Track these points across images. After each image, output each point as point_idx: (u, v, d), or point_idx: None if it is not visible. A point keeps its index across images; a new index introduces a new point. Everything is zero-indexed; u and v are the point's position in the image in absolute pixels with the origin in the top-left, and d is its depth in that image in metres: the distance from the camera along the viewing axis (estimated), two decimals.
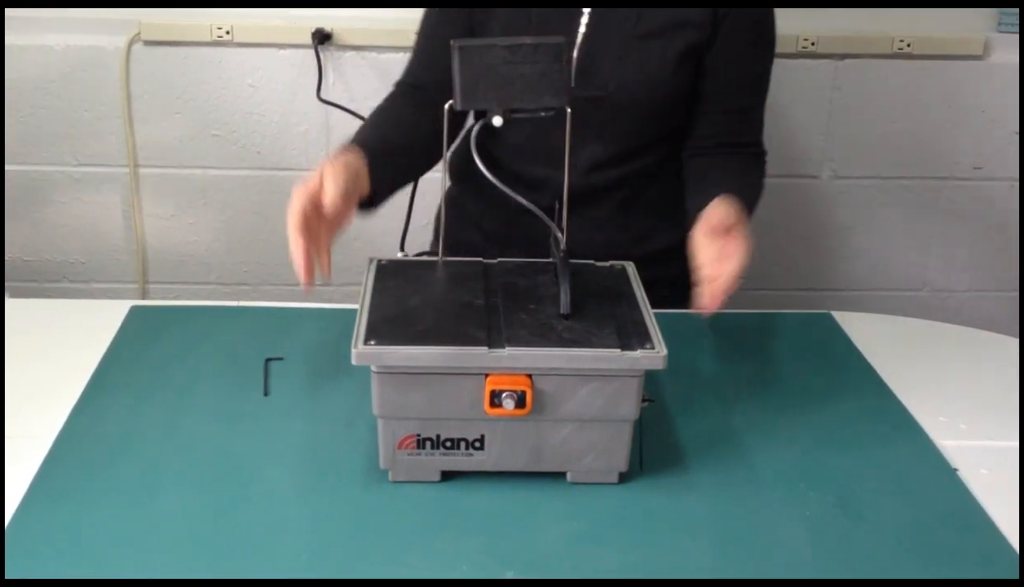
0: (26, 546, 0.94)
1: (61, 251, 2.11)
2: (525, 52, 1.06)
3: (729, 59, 1.36)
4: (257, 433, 1.13)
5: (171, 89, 1.99)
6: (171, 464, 1.07)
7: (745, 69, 1.39)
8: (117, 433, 1.12)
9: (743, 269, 1.14)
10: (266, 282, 2.15)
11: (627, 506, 1.03)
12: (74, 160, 2.03)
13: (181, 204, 2.08)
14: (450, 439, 1.03)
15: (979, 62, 2.01)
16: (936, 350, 1.40)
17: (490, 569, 0.94)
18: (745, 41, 1.37)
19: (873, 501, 1.05)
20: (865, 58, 2.01)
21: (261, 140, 2.04)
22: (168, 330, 1.35)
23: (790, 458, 1.12)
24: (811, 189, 2.12)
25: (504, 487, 1.04)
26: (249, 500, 1.02)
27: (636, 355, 0.99)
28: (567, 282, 1.04)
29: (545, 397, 1.00)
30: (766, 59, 1.41)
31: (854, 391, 1.26)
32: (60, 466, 1.06)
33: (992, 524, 1.02)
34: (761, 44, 1.40)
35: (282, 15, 1.92)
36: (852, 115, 2.06)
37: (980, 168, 2.10)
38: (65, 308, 1.50)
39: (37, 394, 1.19)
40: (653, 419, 1.15)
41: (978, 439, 1.17)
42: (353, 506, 1.02)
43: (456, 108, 1.07)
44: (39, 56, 1.94)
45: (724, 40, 1.35)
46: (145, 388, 1.21)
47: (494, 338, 1.00)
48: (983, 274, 2.20)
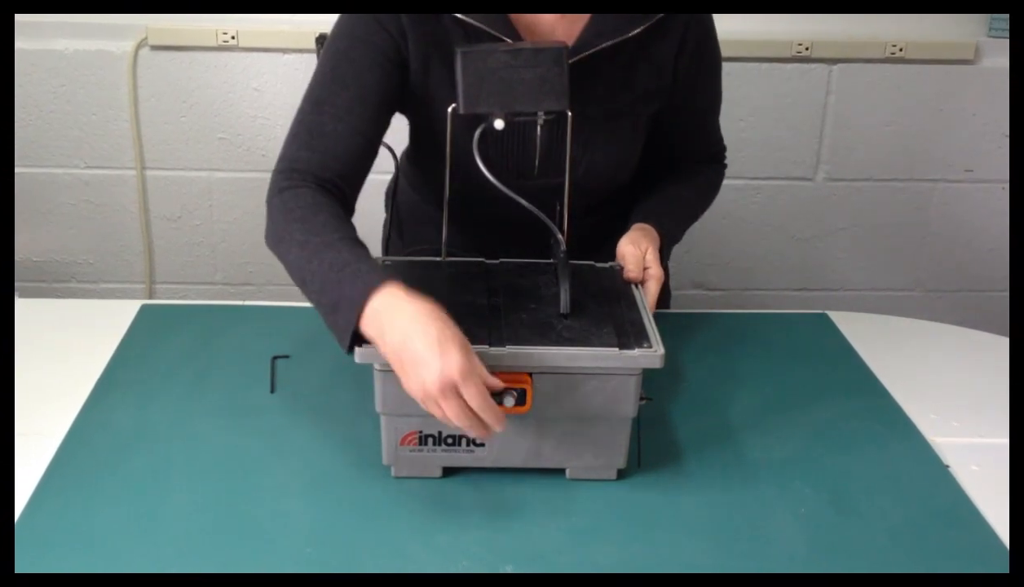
0: (36, 541, 0.96)
1: (70, 252, 2.13)
2: (526, 56, 1.07)
3: (687, 101, 1.29)
4: (263, 429, 1.14)
5: (177, 93, 2.00)
6: (179, 460, 1.09)
7: (702, 101, 1.33)
8: (126, 429, 1.14)
9: (655, 300, 1.16)
10: (271, 282, 2.16)
11: (625, 502, 1.04)
12: (82, 163, 2.05)
13: (187, 206, 2.10)
14: (451, 436, 1.04)
15: (970, 66, 2.04)
16: (929, 349, 1.41)
17: (490, 563, 0.95)
18: (696, 78, 1.29)
19: (867, 497, 1.06)
20: (858, 62, 2.02)
21: (266, 143, 2.05)
22: (177, 329, 1.36)
23: (785, 455, 1.13)
24: (806, 191, 2.13)
25: (504, 483, 1.05)
26: (255, 495, 1.03)
27: (634, 354, 1.00)
28: (567, 282, 1.05)
29: (545, 395, 1.01)
30: (717, 82, 1.34)
31: (848, 389, 1.27)
32: (70, 462, 1.08)
33: (983, 519, 1.03)
34: (712, 71, 1.32)
35: (286, 20, 1.94)
36: (846, 118, 2.07)
37: (971, 171, 2.12)
38: (75, 308, 1.51)
39: (47, 392, 1.20)
40: (651, 417, 1.16)
41: (969, 436, 1.19)
42: (356, 501, 1.03)
43: (460, 112, 1.09)
44: (48, 60, 1.96)
45: (682, 86, 1.27)
46: (154, 385, 1.22)
47: (495, 337, 1.01)
48: (974, 274, 2.22)
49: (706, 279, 2.20)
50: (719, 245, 2.17)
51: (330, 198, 1.14)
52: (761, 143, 2.05)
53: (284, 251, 1.12)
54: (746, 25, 1.94)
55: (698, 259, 2.18)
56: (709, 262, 2.18)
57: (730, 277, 2.20)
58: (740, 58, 1.96)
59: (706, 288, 2.21)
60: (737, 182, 2.09)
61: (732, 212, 2.14)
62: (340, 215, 1.12)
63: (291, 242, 1.10)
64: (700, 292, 2.21)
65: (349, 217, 1.15)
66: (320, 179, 1.15)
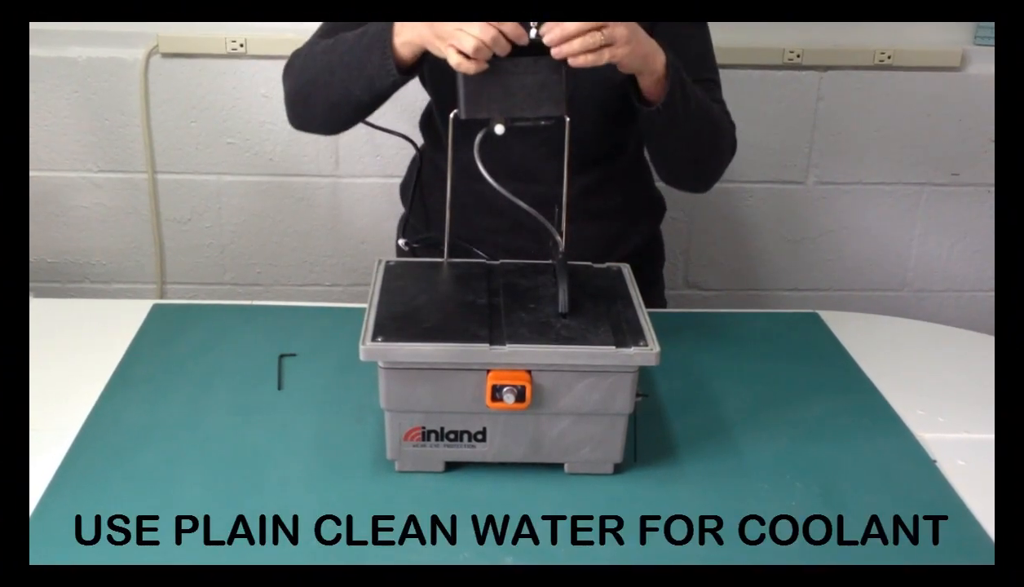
0: (50, 534, 0.97)
1: (83, 253, 2.14)
2: (526, 63, 1.09)
3: (671, 45, 1.26)
4: (271, 425, 1.16)
5: (188, 99, 2.02)
6: (189, 454, 1.10)
7: (686, 49, 1.29)
8: (138, 426, 1.15)
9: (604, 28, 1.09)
10: (278, 283, 2.18)
11: (622, 496, 1.05)
12: (95, 166, 2.07)
13: (197, 208, 2.11)
14: (453, 431, 1.05)
15: (957, 74, 2.05)
16: (916, 347, 1.43)
17: (490, 555, 0.96)
18: (678, 28, 1.30)
19: (856, 491, 1.07)
20: (848, 70, 2.04)
21: (273, 147, 2.06)
22: (187, 328, 1.37)
23: (777, 450, 1.14)
24: (797, 194, 2.15)
25: (504, 477, 1.07)
26: (263, 489, 1.05)
27: (630, 352, 1.01)
28: (565, 283, 1.07)
29: (544, 392, 1.03)
30: (702, 38, 1.35)
31: (839, 387, 1.28)
32: (83, 457, 1.09)
33: (969, 513, 1.05)
34: (692, 27, 1.33)
35: (293, 28, 1.94)
36: (836, 124, 2.08)
37: (957, 174, 2.13)
38: (88, 308, 1.52)
39: (61, 389, 1.22)
40: (647, 413, 1.18)
41: (956, 432, 1.20)
42: (361, 495, 1.04)
43: (460, 117, 1.10)
44: (62, 67, 1.98)
45: (659, 35, 1.23)
46: (165, 383, 1.24)
47: (496, 335, 1.03)
48: (960, 275, 2.23)
49: (700, 279, 2.22)
50: (712, 246, 2.19)
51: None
52: (753, 148, 2.06)
53: (310, 65, 1.29)
54: (738, 34, 1.96)
55: (692, 260, 2.20)
56: (703, 263, 2.20)
57: (723, 277, 2.22)
58: (733, 66, 1.97)
59: (700, 288, 2.22)
60: (730, 185, 2.11)
61: (725, 214, 2.16)
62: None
63: (314, 56, 1.29)
64: (694, 292, 2.22)
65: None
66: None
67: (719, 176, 1.37)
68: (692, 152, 1.31)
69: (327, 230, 2.14)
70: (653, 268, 1.58)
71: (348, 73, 1.23)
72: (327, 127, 1.36)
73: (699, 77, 1.31)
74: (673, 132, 1.26)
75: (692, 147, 1.30)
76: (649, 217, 1.54)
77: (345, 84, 1.24)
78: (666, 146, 1.31)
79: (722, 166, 1.36)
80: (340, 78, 1.24)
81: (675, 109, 1.21)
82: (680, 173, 1.37)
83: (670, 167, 1.36)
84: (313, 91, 1.28)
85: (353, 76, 1.22)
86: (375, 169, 2.08)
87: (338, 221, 2.13)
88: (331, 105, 1.28)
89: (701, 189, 1.41)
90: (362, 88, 1.23)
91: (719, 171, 1.36)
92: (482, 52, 1.07)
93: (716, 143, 1.33)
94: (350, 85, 1.23)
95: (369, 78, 1.21)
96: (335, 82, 1.25)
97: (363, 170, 2.08)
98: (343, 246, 2.15)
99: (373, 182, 2.09)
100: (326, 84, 1.26)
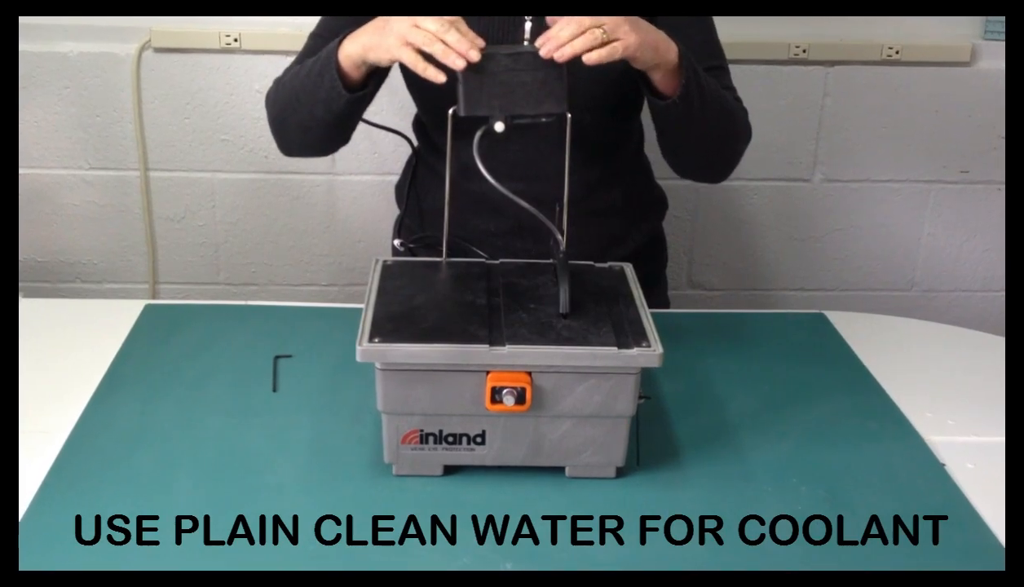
0: (40, 539, 0.96)
1: (74, 252, 2.13)
2: (527, 60, 1.08)
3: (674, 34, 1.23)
4: (266, 428, 1.15)
5: (181, 95, 2.01)
6: (182, 457, 1.09)
7: (689, 37, 1.26)
8: (130, 428, 1.14)
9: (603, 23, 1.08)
10: (273, 282, 2.17)
11: (624, 500, 1.04)
12: (87, 164, 2.06)
13: (191, 206, 2.10)
14: (452, 434, 1.05)
15: (966, 69, 2.04)
16: (925, 349, 1.42)
17: (489, 560, 0.95)
18: (678, 19, 1.29)
19: (863, 494, 1.06)
20: (855, 65, 2.03)
21: (268, 144, 2.02)
22: (180, 328, 1.36)
23: (782, 453, 1.13)
24: (803, 192, 2.14)
25: (504, 481, 1.06)
26: (258, 492, 1.04)
27: (632, 353, 1.00)
28: (566, 282, 1.06)
29: (544, 394, 1.02)
30: (705, 24, 1.34)
31: (845, 388, 1.28)
32: (74, 460, 1.08)
33: (978, 517, 1.04)
34: (694, 19, 1.32)
35: (288, 23, 1.94)
36: (842, 120, 2.07)
37: (967, 172, 2.12)
38: (79, 308, 1.52)
39: (52, 391, 1.21)
40: (649, 415, 1.17)
41: (965, 435, 1.19)
42: (358, 499, 1.03)
43: (460, 114, 1.09)
44: (53, 63, 1.97)
45: (660, 24, 1.21)
46: (158, 384, 1.23)
47: (495, 336, 1.02)
48: (970, 275, 2.22)
49: (704, 279, 2.21)
50: (717, 245, 2.18)
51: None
52: (759, 145, 2.03)
53: (281, 93, 1.31)
54: (743, 28, 1.95)
55: (696, 259, 2.19)
56: (707, 262, 2.19)
57: (728, 277, 2.21)
58: (738, 60, 1.95)
59: (704, 288, 2.21)
60: (735, 183, 2.10)
61: (730, 213, 2.15)
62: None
63: (284, 84, 1.31)
64: (698, 292, 2.21)
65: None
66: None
67: (736, 164, 1.36)
68: (710, 143, 1.30)
69: (323, 229, 2.13)
70: (656, 267, 1.57)
71: (309, 97, 1.25)
72: (311, 150, 1.39)
73: (707, 65, 1.29)
74: (690, 124, 1.24)
75: (709, 138, 1.29)
76: (651, 214, 1.53)
77: (309, 109, 1.26)
78: (683, 139, 1.29)
79: (738, 154, 1.35)
80: (304, 104, 1.26)
81: (691, 101, 1.20)
82: (697, 164, 1.36)
83: (686, 159, 1.35)
84: (287, 117, 1.31)
85: (313, 100, 1.24)
86: (372, 167, 2.07)
87: (334, 220, 2.12)
88: (303, 130, 1.30)
89: (718, 179, 1.40)
90: (323, 111, 1.25)
91: (736, 159, 1.36)
92: (438, 48, 1.07)
93: (733, 131, 1.32)
94: (313, 109, 1.25)
95: (324, 102, 1.23)
96: (301, 108, 1.27)
97: (360, 168, 2.07)
98: (339, 245, 2.14)
99: (370, 180, 2.08)
100: (294, 110, 1.28)
